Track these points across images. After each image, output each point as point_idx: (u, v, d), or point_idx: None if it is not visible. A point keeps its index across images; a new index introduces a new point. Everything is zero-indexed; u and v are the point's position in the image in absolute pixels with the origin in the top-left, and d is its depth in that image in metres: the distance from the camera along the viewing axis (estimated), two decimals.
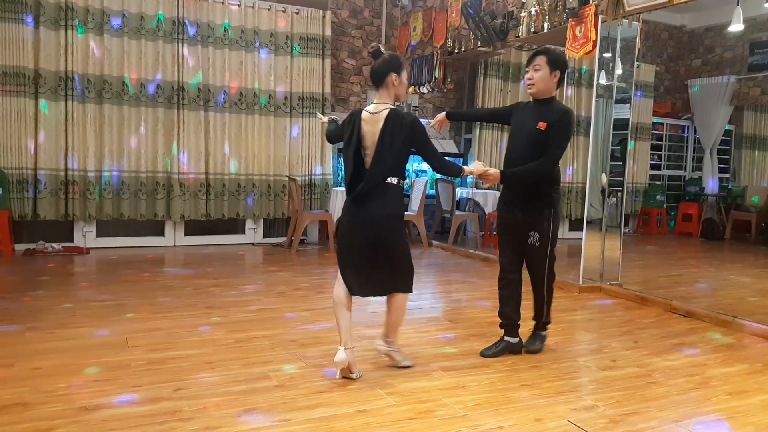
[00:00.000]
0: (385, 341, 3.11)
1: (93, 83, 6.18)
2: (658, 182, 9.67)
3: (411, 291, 3.06)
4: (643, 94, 9.00)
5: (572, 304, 4.79)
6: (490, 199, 7.89)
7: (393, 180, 2.92)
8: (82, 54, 6.12)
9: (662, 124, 9.87)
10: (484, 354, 3.35)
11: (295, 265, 5.96)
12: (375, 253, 2.93)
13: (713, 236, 8.88)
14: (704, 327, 4.18)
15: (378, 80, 2.95)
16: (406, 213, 7.34)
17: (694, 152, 10.16)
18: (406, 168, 3.06)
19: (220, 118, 6.76)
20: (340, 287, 3.00)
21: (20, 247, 6.12)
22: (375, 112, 2.91)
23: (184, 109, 6.57)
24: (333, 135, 3.27)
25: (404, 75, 2.97)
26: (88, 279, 5.19)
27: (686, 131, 10.13)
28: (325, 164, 7.32)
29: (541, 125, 3.19)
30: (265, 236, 7.28)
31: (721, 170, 9.77)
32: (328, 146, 7.30)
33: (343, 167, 3.03)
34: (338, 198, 7.00)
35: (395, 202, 2.96)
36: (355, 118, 2.97)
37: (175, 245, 6.81)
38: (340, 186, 7.58)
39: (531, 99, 3.36)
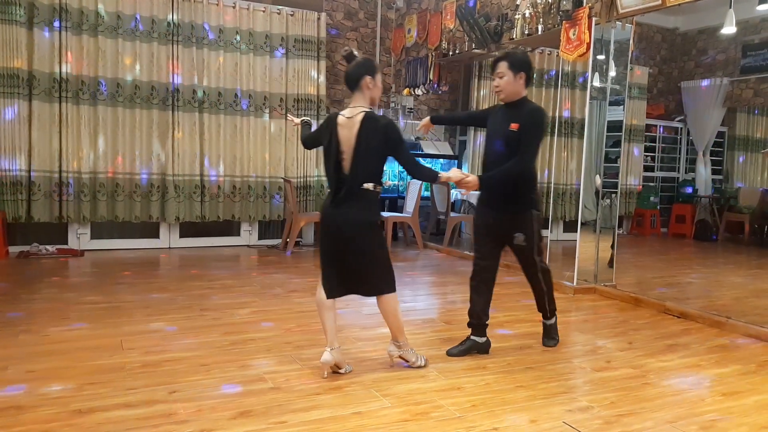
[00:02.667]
0: (395, 345, 3.12)
1: (87, 85, 6.16)
2: (651, 184, 9.72)
3: (393, 290, 3.04)
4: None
5: (567, 305, 4.81)
6: None
7: (369, 186, 2.91)
8: (76, 55, 6.10)
9: (655, 125, 9.93)
10: (450, 353, 3.39)
11: (290, 267, 5.95)
12: (345, 257, 2.97)
13: (706, 237, 8.93)
14: (698, 328, 4.20)
15: (352, 83, 2.95)
16: (401, 215, 7.40)
17: (687, 154, 10.21)
18: (386, 171, 3.07)
19: (215, 120, 6.75)
20: (320, 289, 3.03)
21: (14, 249, 6.09)
22: (350, 116, 2.91)
23: (178, 111, 6.55)
24: (310, 140, 3.28)
25: (378, 78, 2.97)
26: (82, 281, 5.17)
27: (679, 133, 10.18)
28: (320, 166, 7.32)
29: (513, 126, 3.23)
30: (260, 238, 7.27)
31: (714, 172, 9.83)
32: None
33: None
34: None
35: (369, 208, 2.96)
36: (331, 123, 2.96)
37: (169, 247, 6.79)
38: None
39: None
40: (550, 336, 3.65)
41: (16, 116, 5.91)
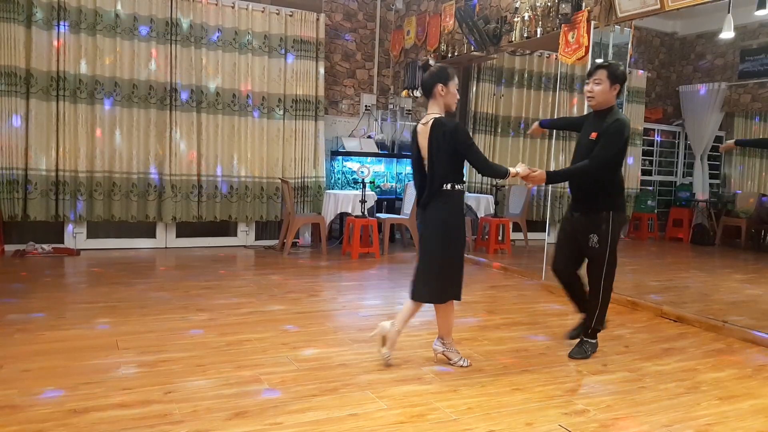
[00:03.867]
0: (440, 342, 3.29)
1: (85, 84, 6.15)
2: (649, 188, 9.73)
3: (438, 301, 3.23)
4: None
5: (564, 308, 4.80)
6: (482, 203, 7.91)
7: (447, 186, 3.11)
8: (74, 54, 6.09)
9: (653, 129, 9.95)
10: (569, 336, 3.63)
11: (287, 268, 5.94)
12: (421, 255, 3.25)
13: (704, 242, 8.94)
14: (694, 332, 4.20)
15: (427, 92, 3.18)
16: (399, 216, 7.39)
17: (685, 158, 10.24)
18: (462, 172, 3.18)
19: (213, 120, 6.74)
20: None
21: (10, 248, 6.07)
22: (424, 123, 3.13)
23: (176, 111, 6.55)
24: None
25: (451, 84, 3.15)
26: (78, 281, 5.16)
27: (677, 137, 10.21)
28: (318, 167, 7.32)
29: (593, 135, 3.34)
30: (257, 239, 7.26)
31: (711, 176, 9.84)
32: (322, 149, 7.30)
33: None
34: (330, 201, 6.99)
35: (447, 206, 3.14)
36: (413, 133, 3.22)
37: (166, 247, 6.78)
38: (332, 189, 7.57)
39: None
40: (583, 345, 3.52)
41: (13, 114, 5.89)
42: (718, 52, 9.44)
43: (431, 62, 3.22)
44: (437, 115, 3.12)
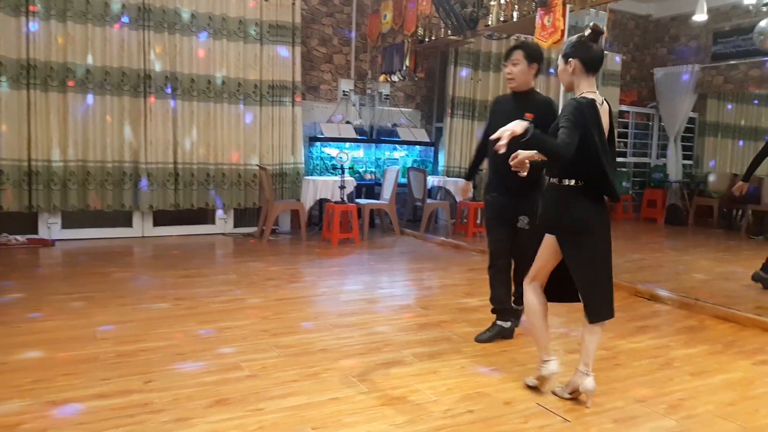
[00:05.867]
0: (582, 371, 2.65)
1: (56, 71, 6.02)
2: (623, 169, 9.87)
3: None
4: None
5: None
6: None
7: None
8: (44, 41, 5.95)
9: (628, 112, 10.07)
10: (478, 339, 3.44)
11: (267, 255, 5.93)
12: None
13: (677, 222, 9.12)
14: (667, 310, 4.30)
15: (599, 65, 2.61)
16: (378, 201, 7.41)
17: (659, 140, 10.38)
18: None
19: (188, 107, 6.65)
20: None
21: None
22: (601, 103, 2.55)
23: (150, 98, 6.45)
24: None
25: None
26: (54, 272, 5.09)
27: (651, 119, 10.34)
28: (296, 153, 7.28)
29: (528, 116, 3.25)
30: (235, 226, 7.22)
31: (685, 157, 10.01)
32: (300, 135, 7.25)
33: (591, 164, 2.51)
34: (309, 187, 6.97)
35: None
36: (594, 109, 2.50)
37: (143, 236, 6.71)
38: (311, 175, 7.55)
39: (510, 91, 3.43)
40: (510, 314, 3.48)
41: None
42: (692, 35, 9.56)
43: (601, 28, 2.65)
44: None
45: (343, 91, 7.84)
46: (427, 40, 7.15)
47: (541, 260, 2.73)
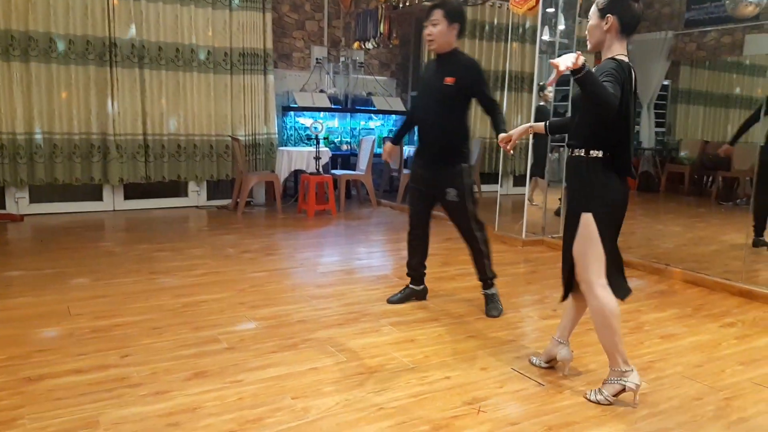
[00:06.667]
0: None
1: (18, 40, 5.79)
2: None
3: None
4: None
5: (515, 257, 4.94)
6: None
7: None
8: (4, 8, 5.70)
9: None
10: (390, 301, 3.54)
11: (242, 228, 5.88)
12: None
13: (649, 188, 9.27)
14: (639, 275, 4.40)
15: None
16: (354, 172, 7.37)
17: None
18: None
19: (156, 76, 6.47)
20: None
21: None
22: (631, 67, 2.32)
23: (117, 67, 6.25)
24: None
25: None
26: (24, 247, 4.98)
27: None
28: (269, 123, 7.16)
29: (449, 80, 3.18)
30: (209, 199, 7.13)
31: (657, 125, 10.12)
32: (273, 105, 7.13)
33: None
34: (284, 158, 6.89)
35: None
36: (632, 74, 2.29)
37: (114, 210, 6.59)
38: (285, 146, 7.46)
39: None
40: (489, 301, 3.46)
41: None
42: (665, 1, 9.57)
43: None
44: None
45: (317, 59, 7.71)
46: (401, 5, 7.03)
47: (595, 247, 2.37)
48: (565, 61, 2.02)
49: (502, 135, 2.80)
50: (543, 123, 2.73)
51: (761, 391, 2.54)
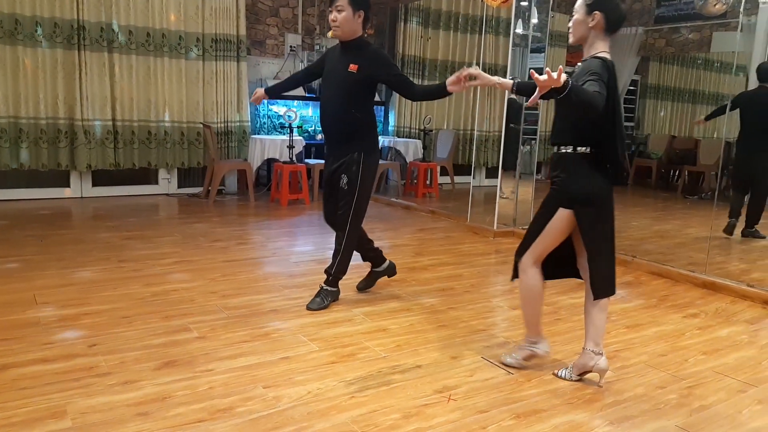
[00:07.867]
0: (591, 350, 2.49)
1: None
2: None
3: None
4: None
5: (487, 248, 5.00)
6: (411, 148, 7.97)
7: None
8: None
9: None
10: (358, 287, 3.60)
11: (213, 217, 5.82)
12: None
13: (617, 182, 9.42)
14: None
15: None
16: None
17: None
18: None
19: (126, 60, 6.34)
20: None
21: None
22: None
23: (85, 51, 6.10)
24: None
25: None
26: None
27: None
28: (242, 111, 7.08)
29: (352, 67, 3.12)
30: (180, 186, 7.03)
31: (626, 119, 10.29)
32: (245, 92, 7.05)
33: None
34: (257, 146, 6.83)
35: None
36: (614, 73, 2.42)
37: (82, 197, 6.45)
38: (258, 134, 7.38)
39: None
40: (320, 299, 3.29)
41: None
42: None
43: None
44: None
45: (291, 47, 7.63)
46: None
47: (551, 239, 2.47)
48: (549, 83, 2.01)
49: (470, 70, 2.72)
50: (511, 81, 2.68)
51: (722, 380, 2.63)
